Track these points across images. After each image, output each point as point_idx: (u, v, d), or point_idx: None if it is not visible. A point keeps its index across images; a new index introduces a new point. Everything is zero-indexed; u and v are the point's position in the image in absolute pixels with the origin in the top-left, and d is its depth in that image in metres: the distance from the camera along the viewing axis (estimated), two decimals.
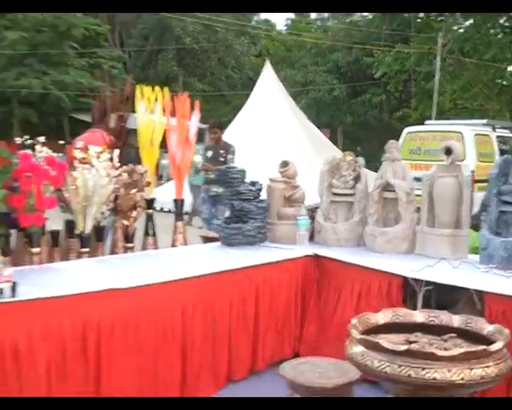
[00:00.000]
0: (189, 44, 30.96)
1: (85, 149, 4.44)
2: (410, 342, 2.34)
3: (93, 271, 3.81)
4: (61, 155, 4.29)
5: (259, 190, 4.78)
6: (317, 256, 4.38)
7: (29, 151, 3.89)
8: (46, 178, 3.91)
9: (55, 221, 4.28)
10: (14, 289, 2.99)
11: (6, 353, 2.89)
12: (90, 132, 5.99)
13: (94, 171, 4.25)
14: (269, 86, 15.22)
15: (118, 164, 4.44)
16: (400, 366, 2.15)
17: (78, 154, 4.39)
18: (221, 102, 32.50)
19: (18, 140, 4.02)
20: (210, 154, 7.97)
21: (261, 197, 4.78)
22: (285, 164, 4.92)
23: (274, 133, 13.46)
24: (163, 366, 3.48)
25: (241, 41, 33.25)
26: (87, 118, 22.62)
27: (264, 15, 39.24)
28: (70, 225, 4.27)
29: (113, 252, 4.56)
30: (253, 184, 4.76)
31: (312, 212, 4.81)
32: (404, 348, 2.20)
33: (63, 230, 4.31)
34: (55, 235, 4.20)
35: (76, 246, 4.26)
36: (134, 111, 5.27)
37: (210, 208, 7.89)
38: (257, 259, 4.18)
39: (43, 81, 22.72)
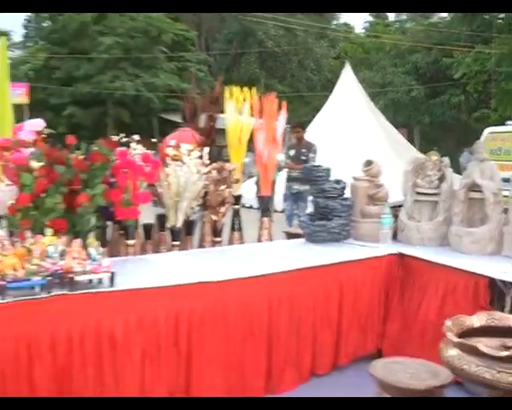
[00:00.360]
0: (271, 48, 31.06)
1: (177, 147, 4.47)
2: (508, 348, 2.18)
3: (183, 263, 3.81)
4: (153, 152, 4.32)
5: (343, 188, 4.65)
6: (401, 255, 4.21)
7: (125, 149, 3.94)
8: (141, 174, 3.94)
9: (147, 215, 4.32)
10: (112, 279, 3.02)
11: (104, 340, 2.92)
12: (181, 131, 6.04)
13: (185, 168, 4.26)
14: (348, 87, 14.94)
15: (207, 161, 4.44)
16: (499, 371, 2.00)
17: (170, 151, 4.42)
18: (300, 103, 32.31)
19: (114, 138, 4.08)
20: (292, 153, 7.87)
21: (345, 195, 4.65)
22: (369, 163, 4.77)
23: (353, 133, 13.22)
24: (249, 359, 3.43)
25: (321, 44, 33.08)
26: (175, 118, 23.05)
27: (343, 19, 38.78)
28: (161, 220, 4.30)
29: (200, 246, 4.56)
30: (338, 182, 4.64)
31: (396, 210, 4.64)
32: (505, 353, 2.05)
33: (155, 223, 4.34)
34: (147, 228, 4.24)
35: (167, 239, 4.30)
36: (222, 112, 5.27)
37: (291, 205, 7.83)
38: (341, 256, 4.07)
39: (135, 83, 23.34)
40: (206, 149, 4.55)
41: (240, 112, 5.05)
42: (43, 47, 26.26)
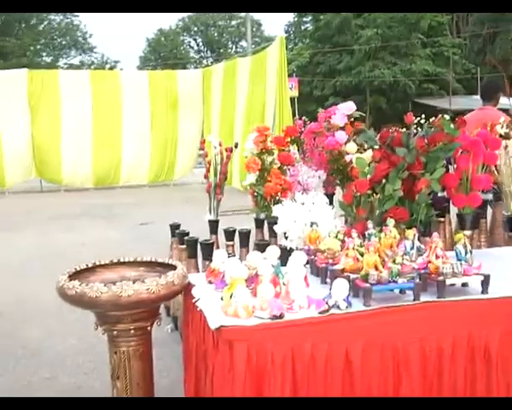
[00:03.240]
0: None
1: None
2: None
3: None
4: None
5: None
6: None
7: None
8: (483, 156, 3.10)
9: None
10: (485, 283, 2.24)
11: (476, 353, 2.17)
12: (481, 110, 5.08)
13: None
14: None
15: None
16: None
17: (499, 129, 3.49)
18: None
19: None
20: None
21: None
22: None
23: None
24: None
25: None
26: (429, 102, 21.41)
27: None
28: None
29: None
30: None
31: None
32: None
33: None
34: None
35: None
36: None
37: None
38: None
39: (392, 71, 22.31)
40: None
41: None
42: (307, 46, 26.62)
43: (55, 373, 3.91)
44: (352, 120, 4.17)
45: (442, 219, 3.33)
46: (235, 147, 4.40)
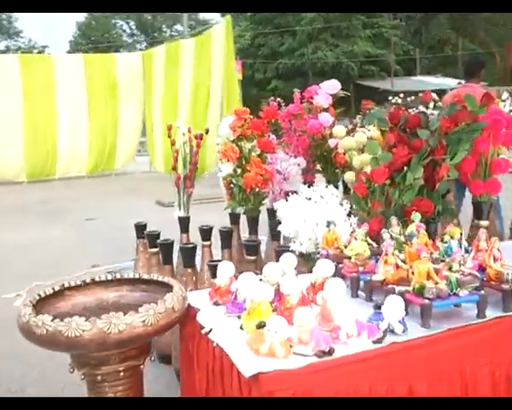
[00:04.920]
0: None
1: None
2: None
3: None
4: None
5: None
6: None
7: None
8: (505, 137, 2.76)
9: None
10: None
11: None
12: (465, 87, 4.82)
13: None
14: None
15: None
16: None
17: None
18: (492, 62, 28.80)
19: None
20: None
21: None
22: None
23: None
24: None
25: None
26: (370, 83, 21.44)
27: None
28: None
29: None
30: None
31: None
32: None
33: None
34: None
35: None
36: None
37: None
38: None
39: (335, 53, 22.15)
40: None
41: None
42: (247, 28, 26.07)
43: None
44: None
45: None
46: (206, 133, 3.93)
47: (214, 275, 2.60)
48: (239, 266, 3.13)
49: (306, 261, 2.37)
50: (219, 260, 2.73)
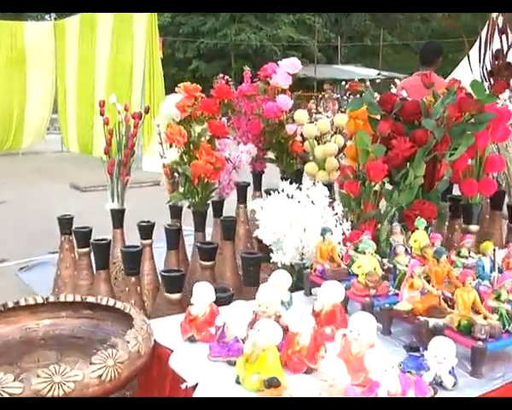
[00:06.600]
0: None
1: None
2: None
3: None
4: None
5: None
6: None
7: None
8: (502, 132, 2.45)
9: None
10: None
11: None
12: (420, 75, 4.53)
13: None
14: None
15: None
16: None
17: None
18: (410, 54, 29.69)
19: None
20: None
21: None
22: None
23: None
24: None
25: None
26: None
27: None
28: None
29: None
30: None
31: None
32: None
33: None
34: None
35: None
36: None
37: None
38: None
39: (259, 36, 21.73)
40: None
41: None
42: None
43: None
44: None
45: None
46: (146, 112, 3.40)
47: (170, 289, 2.11)
48: (192, 274, 2.66)
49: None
50: (178, 270, 2.24)
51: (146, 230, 2.92)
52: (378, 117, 2.26)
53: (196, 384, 1.24)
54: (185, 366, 1.34)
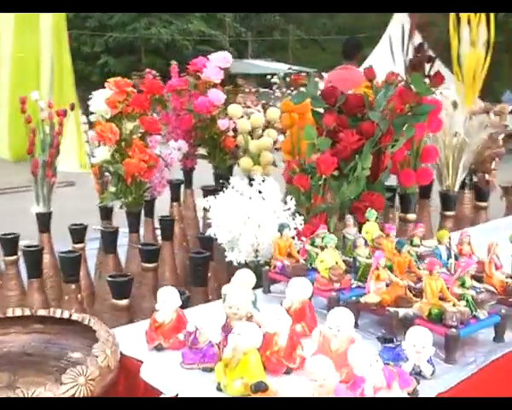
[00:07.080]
0: None
1: None
2: None
3: None
4: None
5: None
6: None
7: None
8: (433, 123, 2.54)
9: None
10: None
11: None
12: (343, 69, 4.64)
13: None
14: None
15: None
16: None
17: None
18: (317, 49, 30.40)
19: None
20: None
21: None
22: None
23: None
24: None
25: None
26: None
27: None
28: None
29: None
30: None
31: None
32: None
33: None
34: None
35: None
36: None
37: None
38: None
39: (170, 30, 21.36)
40: None
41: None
42: None
43: None
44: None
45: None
46: (72, 109, 3.25)
47: (119, 295, 2.01)
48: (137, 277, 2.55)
49: None
50: (124, 275, 2.14)
51: (78, 233, 2.79)
52: (321, 110, 2.27)
53: (176, 395, 1.18)
54: (158, 377, 1.26)
